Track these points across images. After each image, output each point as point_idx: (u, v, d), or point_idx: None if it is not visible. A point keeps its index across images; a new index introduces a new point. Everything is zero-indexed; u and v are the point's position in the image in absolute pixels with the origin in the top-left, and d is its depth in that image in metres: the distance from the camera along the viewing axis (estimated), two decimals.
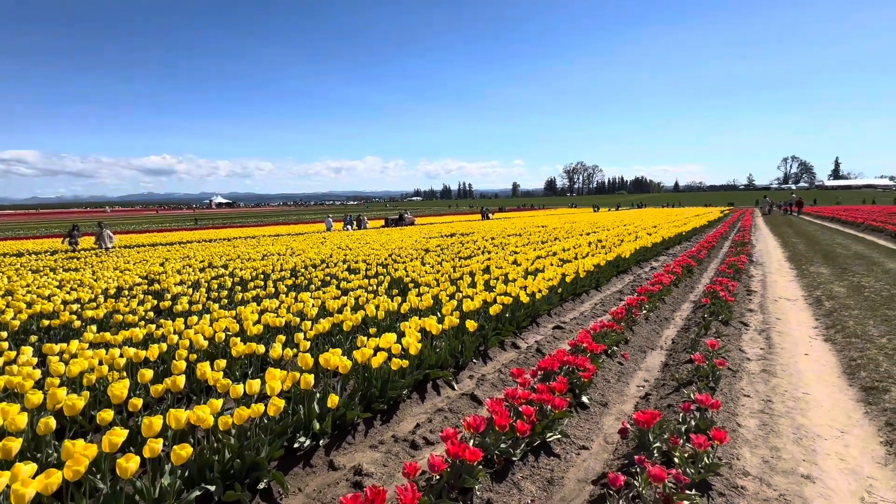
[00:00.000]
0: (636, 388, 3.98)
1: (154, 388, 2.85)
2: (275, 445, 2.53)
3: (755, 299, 6.97)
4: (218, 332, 4.15)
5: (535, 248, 11.95)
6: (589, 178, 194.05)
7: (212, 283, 7.52)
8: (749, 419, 3.24)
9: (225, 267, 9.72)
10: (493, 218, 37.20)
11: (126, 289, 7.26)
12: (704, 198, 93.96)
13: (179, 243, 18.69)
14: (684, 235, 16.70)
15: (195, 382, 3.45)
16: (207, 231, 29.41)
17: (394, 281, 7.38)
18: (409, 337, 3.71)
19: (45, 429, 2.37)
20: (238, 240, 19.33)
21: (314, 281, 7.46)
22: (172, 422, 2.30)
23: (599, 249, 10.90)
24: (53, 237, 25.85)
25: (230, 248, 14.62)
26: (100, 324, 5.26)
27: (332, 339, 4.47)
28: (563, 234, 16.57)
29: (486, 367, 4.44)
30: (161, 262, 10.87)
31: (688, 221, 21.97)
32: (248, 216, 64.83)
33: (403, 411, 3.47)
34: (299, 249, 13.05)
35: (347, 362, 3.21)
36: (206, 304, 5.98)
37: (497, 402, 2.78)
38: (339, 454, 2.89)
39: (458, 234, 18.37)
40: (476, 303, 4.93)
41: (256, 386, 2.77)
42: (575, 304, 6.93)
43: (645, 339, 5.15)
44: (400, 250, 11.72)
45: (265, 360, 4.09)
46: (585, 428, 3.21)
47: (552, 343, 5.05)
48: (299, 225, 35.94)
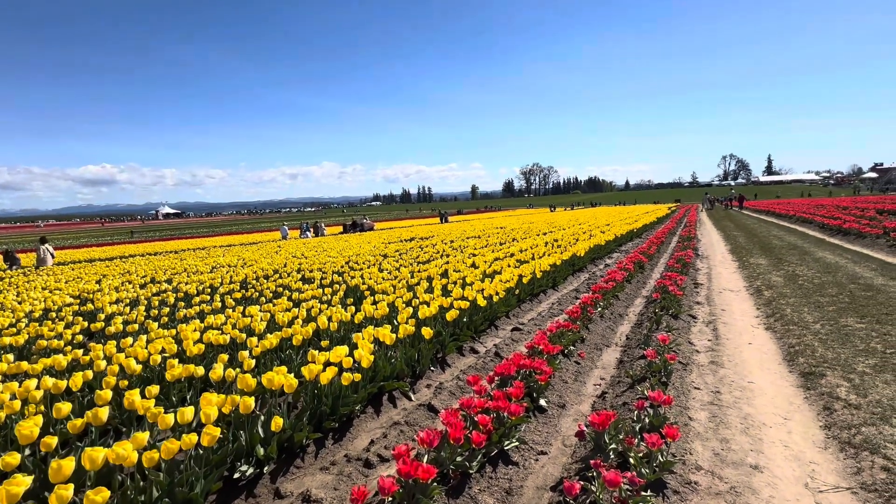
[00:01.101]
0: (593, 388, 4.00)
1: (72, 424, 2.56)
2: (211, 478, 2.32)
3: (702, 292, 7.26)
4: (153, 355, 3.84)
5: (494, 249, 12.01)
6: (545, 178, 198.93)
7: (153, 299, 7.02)
8: (700, 412, 3.31)
9: (169, 282, 9.15)
10: (451, 221, 37.31)
11: (54, 310, 6.66)
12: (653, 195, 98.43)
13: (121, 258, 17.54)
14: (636, 232, 17.32)
15: (125, 413, 3.15)
16: (153, 243, 27.81)
17: (350, 289, 7.16)
18: (361, 349, 3.56)
19: None
20: (186, 252, 18.37)
21: (265, 293, 7.12)
22: (87, 462, 2.05)
23: (556, 249, 11.08)
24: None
25: (177, 260, 13.83)
26: (19, 351, 4.77)
27: (280, 355, 4.24)
28: (521, 234, 16.79)
29: (444, 374, 4.35)
30: (98, 279, 10.11)
31: (639, 219, 22.83)
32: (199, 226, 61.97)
33: (357, 428, 3.31)
34: (251, 260, 12.52)
35: (293, 381, 3.02)
36: (144, 323, 5.56)
37: (452, 413, 2.68)
38: (286, 480, 2.70)
39: (418, 238, 18.24)
40: (432, 309, 4.83)
41: (189, 414, 2.54)
42: (533, 304, 6.97)
43: (600, 337, 5.22)
44: (357, 257, 11.46)
45: (206, 383, 3.81)
46: (544, 432, 3.17)
47: (511, 346, 5.02)
48: (253, 234, 34.67)
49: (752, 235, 15.54)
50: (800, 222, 19.65)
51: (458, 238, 16.46)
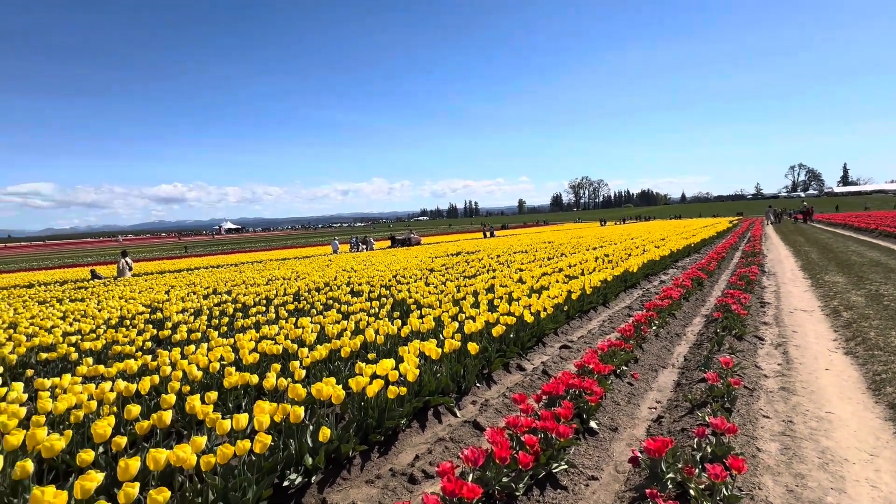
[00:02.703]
0: (648, 411, 3.78)
1: (139, 425, 2.74)
2: (262, 484, 2.39)
3: (769, 311, 6.73)
4: (213, 362, 4.05)
5: (541, 264, 11.80)
6: (595, 192, 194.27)
7: (214, 309, 7.45)
8: (770, 443, 3.04)
9: (229, 293, 9.67)
10: (497, 235, 37.10)
11: (128, 318, 7.21)
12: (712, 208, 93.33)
13: (188, 270, 18.78)
14: (693, 247, 16.44)
15: (186, 417, 3.33)
16: (216, 257, 29.63)
17: (396, 303, 7.26)
18: (407, 362, 3.58)
19: (22, 473, 2.25)
20: (245, 265, 19.40)
21: (316, 305, 7.36)
22: (151, 463, 2.17)
23: (606, 264, 10.71)
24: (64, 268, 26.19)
25: (236, 273, 14.63)
26: (97, 355, 5.19)
27: (329, 367, 4.34)
28: (570, 249, 16.41)
29: (489, 391, 4.27)
30: (167, 289, 10.87)
31: (696, 233, 21.69)
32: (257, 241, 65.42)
33: (402, 442, 3.31)
34: (304, 273, 13.02)
35: (341, 392, 3.07)
36: (205, 331, 5.90)
37: (498, 432, 2.62)
38: (332, 491, 2.73)
39: (464, 252, 18.27)
40: (478, 324, 4.79)
41: (244, 420, 2.65)
42: (582, 321, 6.75)
43: (655, 357, 4.95)
44: (405, 271, 11.62)
45: (260, 391, 3.96)
46: (594, 456, 3.03)
47: (559, 364, 4.87)
48: (306, 248, 36.13)
49: (826, 251, 14.32)
50: (882, 237, 17.91)
51: (505, 252, 16.33)
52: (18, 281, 17.47)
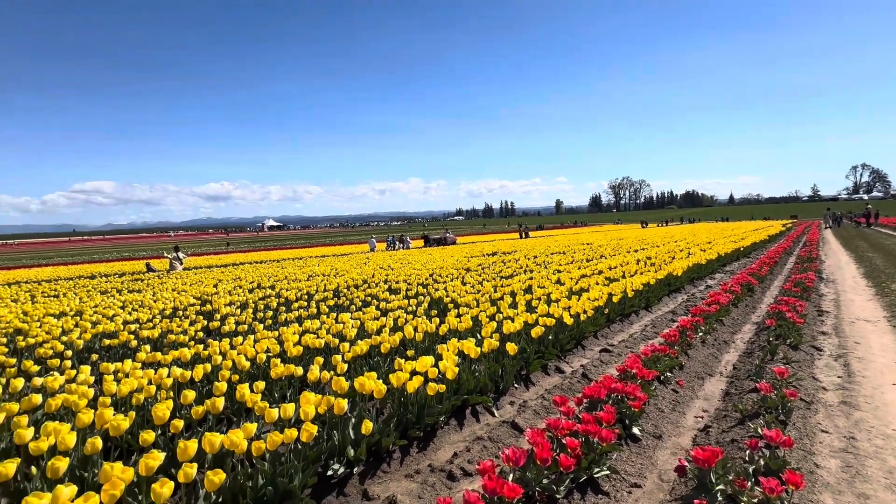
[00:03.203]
0: (694, 420, 3.65)
1: (195, 410, 2.89)
2: (308, 472, 2.48)
3: (828, 321, 6.33)
4: (259, 353, 4.22)
5: (580, 266, 11.57)
6: (636, 193, 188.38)
7: (259, 303, 7.75)
8: (829, 459, 2.86)
9: (272, 287, 10.03)
10: (532, 236, 36.62)
11: (181, 309, 7.61)
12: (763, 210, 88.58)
13: (233, 265, 19.62)
14: (743, 251, 15.66)
15: (236, 404, 3.49)
16: (259, 253, 30.79)
17: (434, 301, 7.31)
18: (446, 360, 3.60)
19: (92, 449, 2.43)
20: (286, 261, 20.06)
21: (355, 301, 7.53)
22: (207, 446, 2.30)
23: (649, 267, 10.38)
24: (122, 261, 27.93)
25: (279, 269, 15.15)
26: (154, 343, 5.51)
27: (369, 361, 4.43)
28: (610, 251, 16.00)
29: (528, 392, 4.24)
30: (215, 283, 11.39)
31: (746, 236, 20.65)
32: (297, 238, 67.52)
33: (441, 439, 3.34)
34: (343, 270, 13.32)
35: (382, 387, 3.14)
36: (251, 324, 6.15)
37: (538, 433, 2.60)
38: (373, 483, 2.79)
39: (500, 252, 18.17)
40: (517, 324, 4.76)
41: (291, 410, 2.75)
42: (623, 325, 6.57)
43: (702, 365, 4.76)
44: (441, 270, 11.69)
45: (304, 383, 4.10)
46: (637, 463, 2.95)
47: (599, 367, 4.77)
48: (344, 246, 36.94)
49: (892, 257, 13.31)
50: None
51: (542, 253, 16.12)
52: (82, 272, 18.79)
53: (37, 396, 3.12)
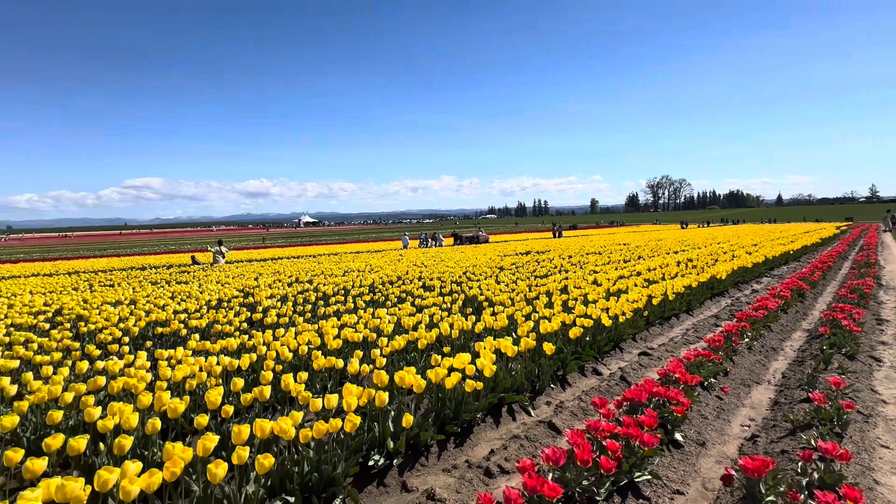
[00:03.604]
0: (740, 428, 3.52)
1: (244, 397, 3.03)
2: (351, 462, 2.56)
3: (888, 330, 5.95)
4: (301, 345, 4.36)
5: (617, 267, 11.31)
6: (675, 192, 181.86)
7: (298, 297, 7.99)
8: (891, 476, 2.70)
9: (310, 282, 10.31)
10: (566, 235, 35.99)
11: (225, 301, 7.94)
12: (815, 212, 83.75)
13: (272, 259, 20.27)
14: (792, 255, 14.88)
15: (280, 393, 3.63)
16: (296, 248, 31.67)
17: (468, 299, 7.33)
18: (483, 358, 3.62)
19: (152, 429, 2.60)
20: (322, 256, 20.55)
21: (390, 297, 7.64)
22: (258, 431, 2.41)
23: (690, 269, 10.04)
24: (169, 253, 29.34)
25: (315, 264, 15.55)
26: (202, 332, 5.78)
27: (406, 357, 4.50)
28: (648, 252, 15.56)
29: (564, 393, 4.20)
30: (256, 276, 11.82)
31: (795, 238, 19.60)
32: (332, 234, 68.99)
33: (477, 436, 3.36)
34: (377, 266, 13.53)
35: (422, 381, 3.18)
36: (292, 317, 6.35)
37: (578, 434, 2.58)
38: (412, 475, 2.85)
39: (534, 252, 17.99)
40: (554, 324, 4.72)
41: (335, 401, 2.84)
42: (663, 328, 6.39)
43: (748, 372, 4.58)
44: (474, 268, 11.69)
45: (343, 375, 4.21)
46: (680, 470, 2.88)
47: (638, 371, 4.67)
48: (378, 242, 37.46)
49: None
50: None
51: (577, 253, 15.85)
52: (133, 263, 19.88)
53: (101, 378, 3.35)
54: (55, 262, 24.07)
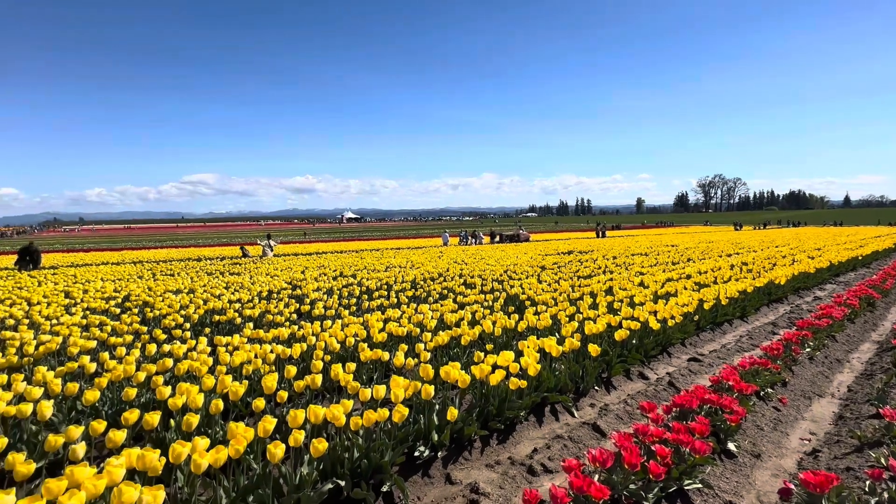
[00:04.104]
0: (799, 442, 3.34)
1: (297, 384, 3.18)
2: (398, 451, 2.64)
3: None
4: (348, 337, 4.51)
5: (665, 269, 10.92)
6: (729, 192, 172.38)
7: (342, 290, 8.24)
8: None
9: (353, 276, 10.59)
10: (609, 235, 34.96)
11: (275, 292, 8.30)
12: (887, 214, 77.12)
13: (317, 254, 20.95)
14: (861, 260, 13.81)
15: (328, 381, 3.77)
16: (339, 243, 32.55)
17: (510, 297, 7.31)
18: (527, 357, 3.62)
19: (215, 409, 2.78)
20: (365, 252, 21.02)
21: (432, 294, 7.74)
22: (312, 416, 2.53)
23: (745, 273, 9.55)
24: (222, 246, 30.91)
25: (358, 259, 15.94)
26: (255, 321, 6.08)
27: (449, 352, 4.56)
28: (699, 254, 14.90)
29: (609, 396, 4.13)
30: (302, 269, 12.27)
31: (865, 243, 18.17)
32: (374, 230, 70.37)
33: (520, 433, 3.37)
34: (418, 262, 13.70)
35: (467, 377, 3.23)
36: (338, 309, 6.56)
37: (625, 437, 2.55)
38: (455, 468, 2.90)
39: (576, 251, 17.64)
40: (599, 326, 4.64)
41: (383, 391, 2.93)
42: (714, 334, 6.13)
43: (809, 384, 4.32)
44: (515, 267, 11.62)
45: (388, 367, 4.32)
46: (732, 480, 2.78)
47: (687, 377, 4.51)
48: (418, 239, 37.86)
49: None
50: None
51: (622, 254, 15.42)
52: (190, 255, 21.12)
53: (169, 360, 3.61)
54: (121, 251, 25.94)
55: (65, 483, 1.76)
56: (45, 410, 2.72)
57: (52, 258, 19.66)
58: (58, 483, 1.74)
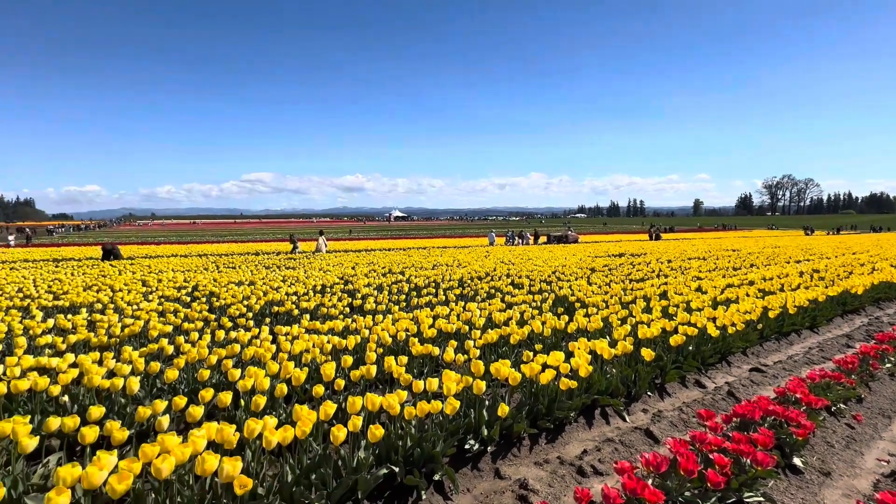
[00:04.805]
0: (875, 463, 3.11)
1: (353, 373, 3.34)
2: (449, 443, 2.72)
3: None
4: (399, 332, 4.65)
5: (725, 274, 10.37)
6: (799, 194, 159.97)
7: (392, 287, 8.46)
8: None
9: (402, 273, 10.83)
10: (661, 238, 33.43)
11: (328, 287, 8.66)
12: None
13: (366, 250, 21.55)
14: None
15: (380, 373, 3.92)
16: (386, 241, 33.28)
17: (558, 299, 7.23)
18: (578, 358, 3.59)
19: (280, 392, 2.98)
20: (411, 250, 21.38)
21: (480, 292, 7.78)
22: (368, 404, 2.66)
23: (816, 281, 8.90)
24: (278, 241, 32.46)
25: (405, 256, 16.24)
26: (311, 313, 6.38)
27: (498, 351, 4.60)
28: (763, 259, 14.01)
29: (662, 402, 4.01)
30: (353, 265, 12.68)
31: None
32: (420, 228, 71.30)
33: (569, 434, 3.35)
34: (465, 262, 13.78)
35: (517, 374, 3.26)
36: (388, 305, 6.76)
37: (681, 443, 2.49)
38: (504, 464, 2.94)
39: (628, 254, 17.08)
40: (653, 330, 4.51)
41: (435, 384, 3.02)
42: (780, 344, 5.78)
43: (889, 402, 4.00)
44: (564, 268, 11.43)
45: (437, 362, 4.42)
46: (798, 497, 2.64)
47: (748, 388, 4.29)
48: (464, 238, 37.99)
49: None
50: None
51: (677, 258, 14.76)
52: (249, 249, 22.35)
53: (236, 346, 3.89)
54: (188, 245, 27.87)
55: (157, 448, 1.98)
56: (133, 386, 3.02)
57: (129, 250, 21.44)
58: (152, 448, 1.96)
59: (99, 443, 2.57)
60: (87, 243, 31.11)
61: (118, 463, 1.89)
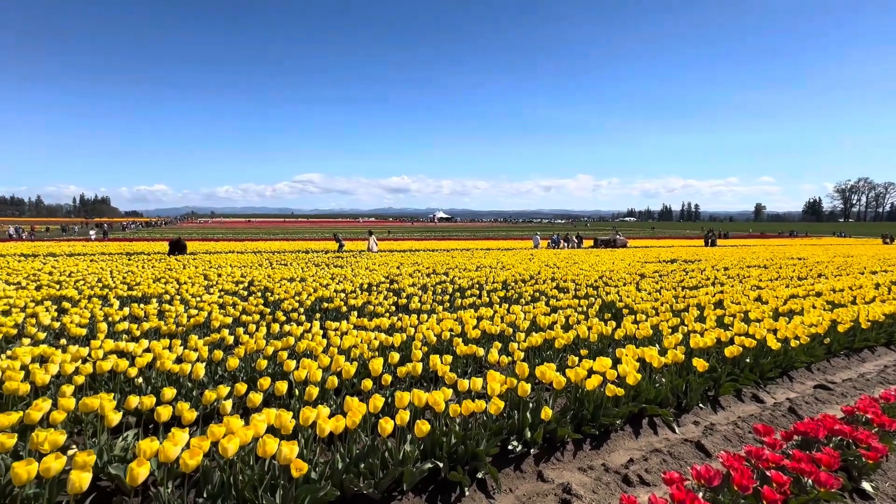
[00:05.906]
0: None
1: (400, 370, 3.44)
2: (492, 442, 2.75)
3: None
4: (444, 332, 4.73)
5: (789, 284, 9.73)
6: (877, 199, 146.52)
7: (436, 287, 8.57)
8: None
9: (446, 274, 10.93)
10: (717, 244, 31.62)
11: (374, 285, 8.89)
12: None
13: (410, 251, 21.88)
14: None
15: (425, 371, 4.00)
16: (430, 242, 33.63)
17: (605, 304, 7.06)
18: (626, 365, 3.52)
19: (331, 384, 3.12)
20: (455, 251, 21.49)
21: (524, 295, 7.73)
22: (415, 400, 2.74)
23: (895, 294, 8.17)
24: (326, 240, 33.58)
25: (449, 258, 16.36)
26: (359, 310, 6.60)
27: (542, 354, 4.57)
28: (833, 269, 13.01)
29: (715, 415, 3.84)
30: (397, 265, 12.94)
31: None
32: (464, 230, 71.45)
33: (615, 442, 3.29)
34: (508, 264, 13.71)
35: (562, 378, 3.24)
36: (432, 305, 6.86)
37: (736, 458, 2.39)
38: (547, 467, 2.93)
39: (681, 260, 16.36)
40: (707, 340, 4.33)
41: (479, 384, 3.06)
42: (850, 361, 5.37)
43: None
44: (611, 273, 11.13)
45: (480, 363, 4.46)
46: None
47: (812, 405, 4.03)
48: (508, 241, 37.71)
49: None
50: None
51: (735, 265, 13.99)
52: (299, 247, 23.27)
53: (290, 339, 4.10)
54: (244, 242, 29.42)
55: (223, 429, 2.14)
56: (199, 371, 3.27)
57: (191, 246, 22.93)
58: (219, 428, 2.13)
59: (171, 422, 2.80)
60: (155, 238, 33.60)
61: (189, 440, 2.07)
